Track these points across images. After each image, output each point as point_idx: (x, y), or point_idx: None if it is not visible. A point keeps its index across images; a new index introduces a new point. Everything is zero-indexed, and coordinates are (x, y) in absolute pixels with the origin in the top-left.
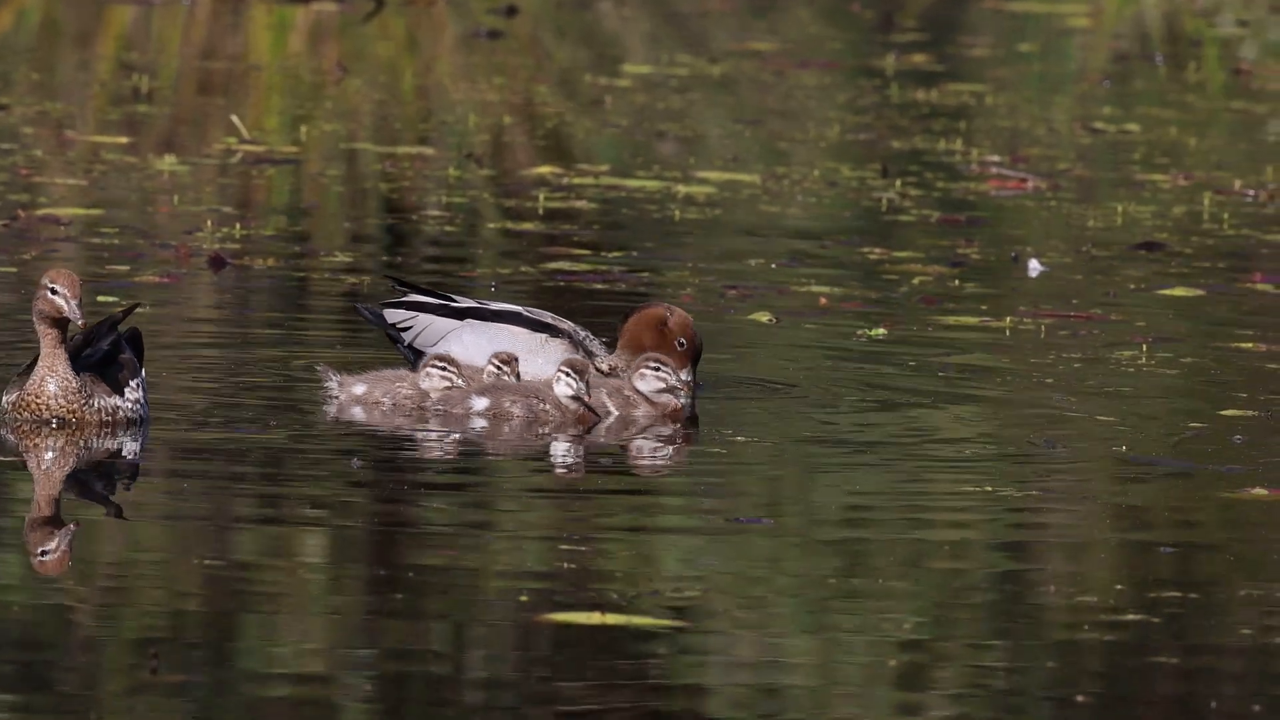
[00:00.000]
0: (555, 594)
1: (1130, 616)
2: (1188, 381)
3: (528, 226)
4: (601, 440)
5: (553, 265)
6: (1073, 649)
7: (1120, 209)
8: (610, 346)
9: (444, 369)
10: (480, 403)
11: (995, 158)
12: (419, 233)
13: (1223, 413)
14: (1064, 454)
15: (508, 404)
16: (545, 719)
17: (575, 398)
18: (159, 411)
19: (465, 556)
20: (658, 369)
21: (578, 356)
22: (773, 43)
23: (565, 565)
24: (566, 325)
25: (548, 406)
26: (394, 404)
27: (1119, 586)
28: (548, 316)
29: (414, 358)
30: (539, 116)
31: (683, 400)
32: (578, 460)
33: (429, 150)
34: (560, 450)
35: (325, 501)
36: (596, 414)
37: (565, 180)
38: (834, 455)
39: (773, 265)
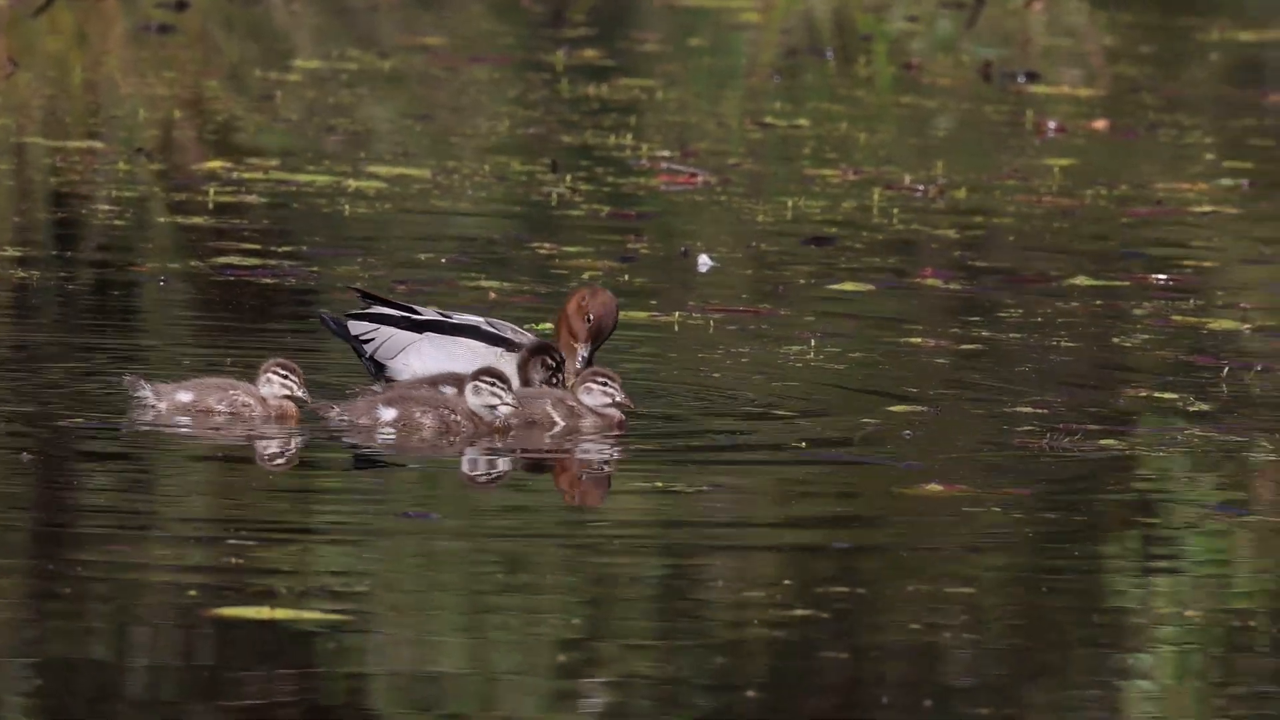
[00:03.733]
0: (224, 589)
1: (799, 612)
2: (857, 377)
3: (197, 221)
4: (295, 438)
5: (222, 260)
6: (741, 645)
7: (790, 204)
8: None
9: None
10: (388, 413)
11: (665, 153)
12: (89, 226)
13: (893, 409)
14: (740, 448)
15: (418, 414)
16: (211, 713)
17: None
18: None
19: (134, 552)
20: (605, 384)
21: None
22: (442, 37)
23: (234, 560)
24: (526, 339)
25: (459, 417)
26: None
27: (788, 582)
28: (508, 330)
29: (375, 370)
30: (209, 111)
31: (624, 413)
32: (269, 456)
33: (99, 145)
34: (252, 445)
35: None
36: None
37: (235, 175)
38: (488, 446)
39: (443, 260)
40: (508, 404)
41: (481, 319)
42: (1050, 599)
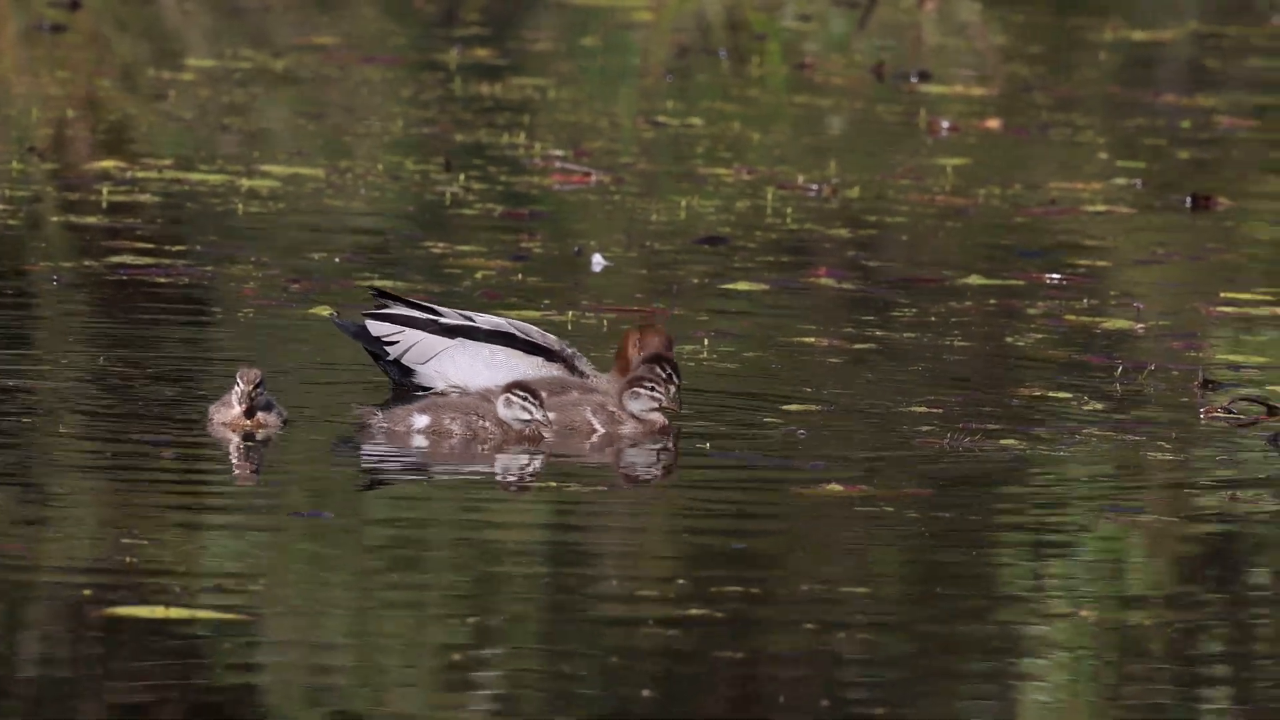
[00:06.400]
0: (118, 588)
1: (695, 612)
2: (751, 376)
3: (91, 220)
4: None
5: (116, 259)
6: (636, 645)
7: (683, 203)
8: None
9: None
10: (421, 420)
11: (558, 152)
12: None
13: (787, 408)
14: (636, 448)
15: (447, 421)
16: (100, 712)
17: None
18: None
19: (28, 550)
20: (652, 389)
21: (561, 375)
22: (335, 37)
23: (128, 559)
24: (554, 342)
25: (488, 424)
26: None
27: (682, 582)
28: (535, 334)
29: (400, 374)
30: (102, 110)
31: (668, 417)
32: (163, 455)
33: None
34: (141, 445)
35: None
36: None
37: (128, 174)
38: (398, 450)
39: (336, 259)
40: (538, 419)
41: (505, 321)
42: (946, 599)
